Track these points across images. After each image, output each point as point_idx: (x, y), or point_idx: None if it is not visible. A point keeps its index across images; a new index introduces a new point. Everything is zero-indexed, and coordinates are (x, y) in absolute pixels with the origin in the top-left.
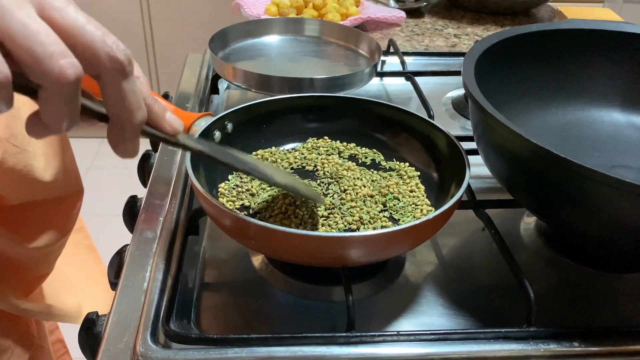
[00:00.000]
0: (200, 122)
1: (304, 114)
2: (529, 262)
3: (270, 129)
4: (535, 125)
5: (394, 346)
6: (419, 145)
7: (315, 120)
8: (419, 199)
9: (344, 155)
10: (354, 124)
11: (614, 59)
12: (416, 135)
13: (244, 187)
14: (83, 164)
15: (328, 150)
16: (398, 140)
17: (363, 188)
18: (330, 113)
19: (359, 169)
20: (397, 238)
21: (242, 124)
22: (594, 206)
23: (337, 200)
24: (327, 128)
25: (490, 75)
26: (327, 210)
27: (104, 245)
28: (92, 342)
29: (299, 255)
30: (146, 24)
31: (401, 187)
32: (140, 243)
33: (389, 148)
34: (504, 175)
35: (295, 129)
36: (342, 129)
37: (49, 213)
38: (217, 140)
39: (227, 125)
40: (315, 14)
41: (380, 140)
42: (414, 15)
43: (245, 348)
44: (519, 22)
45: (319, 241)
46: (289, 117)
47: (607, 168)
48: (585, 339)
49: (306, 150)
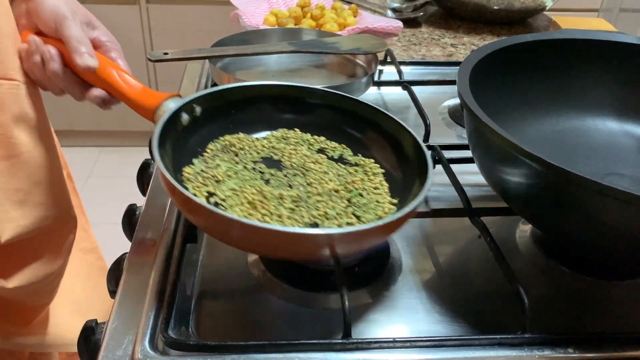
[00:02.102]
0: (169, 104)
1: (276, 103)
2: (524, 269)
3: (240, 116)
4: (530, 133)
5: (390, 353)
6: (386, 143)
7: (286, 110)
8: (382, 197)
9: (313, 148)
10: (325, 117)
11: (608, 68)
12: (384, 134)
13: (210, 173)
14: (82, 173)
15: (298, 142)
16: (367, 136)
17: (329, 182)
18: (302, 104)
19: (327, 162)
20: (360, 236)
21: (211, 108)
22: (588, 214)
23: (303, 193)
24: (298, 119)
25: (485, 84)
26: (294, 203)
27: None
28: (90, 349)
29: (262, 248)
30: (146, 34)
31: (366, 184)
32: (139, 251)
33: (358, 144)
34: (499, 183)
35: (265, 117)
36: (313, 121)
37: (30, 249)
38: (184, 123)
39: (195, 108)
40: (313, 24)
41: (350, 135)
42: (411, 25)
43: (243, 355)
44: (515, 32)
45: (283, 236)
46: (260, 105)
47: (601, 176)
48: (579, 345)
49: (275, 139)
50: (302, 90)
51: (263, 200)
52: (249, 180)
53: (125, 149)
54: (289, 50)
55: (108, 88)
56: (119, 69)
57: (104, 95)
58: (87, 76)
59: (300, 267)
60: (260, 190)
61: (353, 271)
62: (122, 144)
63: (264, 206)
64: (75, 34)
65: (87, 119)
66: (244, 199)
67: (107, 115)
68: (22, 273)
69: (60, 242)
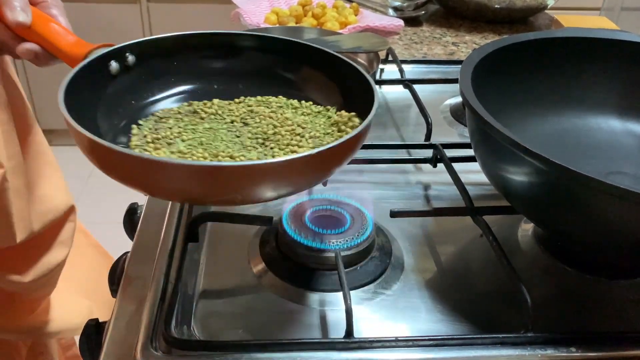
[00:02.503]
0: (99, 52)
1: (215, 52)
2: (527, 268)
3: (180, 67)
4: (532, 132)
5: (392, 352)
6: (331, 83)
7: (224, 57)
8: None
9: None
10: (265, 63)
11: (610, 66)
12: (324, 71)
13: (161, 134)
14: (83, 172)
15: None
16: (302, 77)
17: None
18: (234, 50)
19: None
20: (280, 169)
21: (147, 57)
22: (590, 213)
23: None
24: (234, 65)
25: (487, 82)
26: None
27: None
28: (92, 348)
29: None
30: (147, 32)
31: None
32: (140, 250)
33: (294, 87)
34: (501, 182)
35: (206, 69)
36: (250, 68)
37: (42, 242)
38: (113, 72)
39: (127, 57)
40: (315, 22)
41: (286, 78)
42: (412, 23)
43: (245, 354)
44: (516, 30)
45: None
46: (198, 55)
47: (603, 175)
48: (582, 344)
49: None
50: (235, 35)
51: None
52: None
53: None
54: None
55: (41, 42)
56: (54, 22)
57: (36, 49)
58: (20, 31)
59: (302, 266)
60: (215, 155)
61: (355, 270)
62: None
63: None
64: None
65: None
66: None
67: None
68: (36, 266)
69: (64, 231)
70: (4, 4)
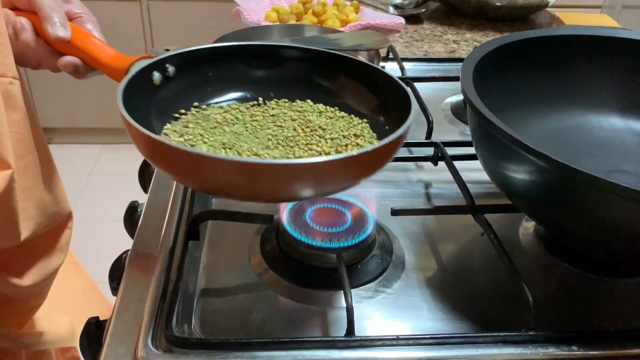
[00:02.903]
0: (141, 63)
1: (251, 62)
2: (528, 266)
3: (217, 76)
4: (534, 130)
5: (393, 350)
6: (369, 93)
7: (261, 68)
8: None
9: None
10: (302, 74)
11: (612, 64)
12: (366, 83)
13: (184, 137)
14: (83, 170)
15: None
16: (347, 89)
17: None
18: (277, 62)
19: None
20: (322, 169)
21: (184, 67)
22: (592, 211)
23: (289, 154)
24: (276, 78)
25: (488, 80)
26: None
27: (104, 251)
28: (93, 347)
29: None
30: (147, 30)
31: (353, 149)
32: (140, 249)
33: (340, 99)
34: (502, 180)
35: (243, 78)
36: (289, 77)
37: (41, 246)
38: (156, 82)
39: (168, 68)
40: (315, 20)
41: (332, 91)
42: (413, 21)
43: (246, 352)
44: (517, 28)
45: (250, 167)
46: (236, 65)
47: (605, 173)
48: (584, 343)
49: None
50: (274, 46)
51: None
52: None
53: (126, 147)
54: None
55: (81, 55)
56: (92, 37)
57: (77, 62)
58: (60, 46)
59: (303, 265)
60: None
61: (356, 268)
62: (124, 141)
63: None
64: (48, 2)
65: (88, 117)
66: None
67: (109, 113)
68: (34, 270)
69: (63, 237)
70: (45, 20)
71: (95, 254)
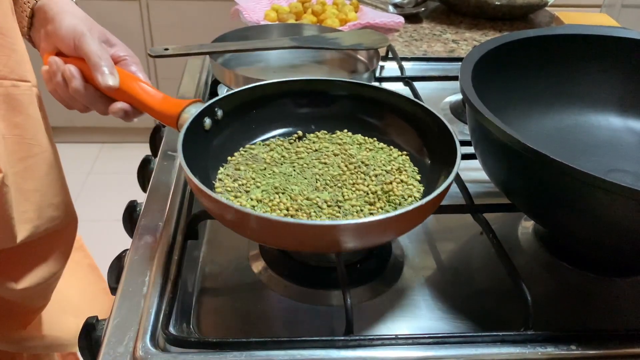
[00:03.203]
0: (190, 109)
1: (294, 99)
2: (527, 266)
3: (261, 114)
4: (533, 129)
5: (392, 349)
6: (410, 128)
7: (305, 104)
8: (414, 187)
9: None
10: (344, 108)
11: (611, 63)
12: (407, 119)
13: (237, 183)
14: (83, 169)
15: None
16: (388, 123)
17: (363, 184)
18: (321, 97)
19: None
20: (385, 225)
21: (231, 109)
22: (591, 210)
23: (338, 195)
24: (318, 112)
25: (487, 80)
26: (329, 208)
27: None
28: (92, 346)
29: (295, 243)
30: (146, 30)
31: (399, 187)
32: (139, 248)
33: (379, 131)
34: (501, 179)
35: (286, 114)
36: (332, 113)
37: (39, 250)
38: (207, 128)
39: (217, 112)
40: (314, 19)
41: (371, 123)
42: (412, 20)
43: (245, 352)
44: (517, 27)
45: (315, 229)
46: (279, 102)
47: (604, 172)
48: (582, 342)
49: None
50: (319, 82)
51: (298, 212)
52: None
53: (125, 146)
54: (290, 46)
55: (130, 100)
56: (139, 81)
57: (126, 108)
58: (109, 92)
59: (302, 264)
60: (292, 198)
61: (355, 268)
62: (123, 140)
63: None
64: (95, 50)
65: (87, 116)
66: (276, 207)
67: None
68: (30, 274)
69: (64, 242)
70: (94, 69)
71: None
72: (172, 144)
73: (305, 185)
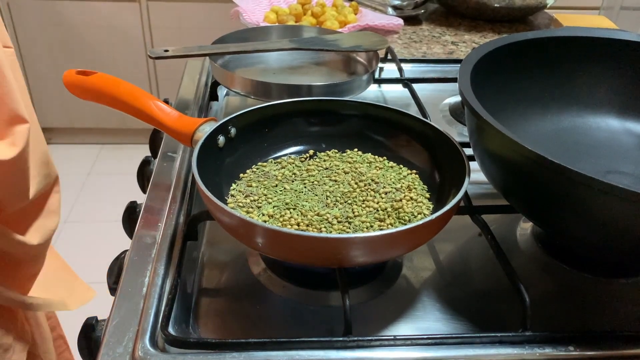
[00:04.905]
0: (205, 128)
1: (306, 118)
2: (525, 267)
3: (273, 133)
4: (531, 131)
5: (390, 350)
6: (420, 147)
7: (317, 123)
8: (424, 204)
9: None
10: (355, 127)
11: (609, 65)
12: (417, 137)
13: (249, 199)
14: (82, 169)
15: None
16: (398, 142)
17: (375, 203)
18: (332, 116)
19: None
20: (395, 239)
21: (244, 128)
22: (589, 212)
23: (348, 212)
24: (329, 131)
25: (486, 81)
26: (338, 224)
27: (103, 250)
28: (91, 346)
29: (306, 257)
30: (146, 31)
31: (408, 204)
32: (139, 248)
33: (389, 149)
34: (500, 181)
35: (297, 132)
36: (343, 132)
37: (42, 206)
38: (220, 145)
39: (230, 129)
40: (314, 21)
41: (380, 142)
42: (411, 22)
43: (243, 352)
44: (516, 29)
45: (326, 242)
46: (292, 121)
47: (602, 174)
48: (580, 343)
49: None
50: (331, 102)
51: (308, 227)
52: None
53: (125, 147)
54: (290, 47)
55: (145, 119)
56: (155, 99)
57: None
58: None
59: (301, 265)
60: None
61: (354, 269)
62: (122, 141)
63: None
64: None
65: (87, 117)
66: (286, 222)
67: (108, 113)
68: (38, 231)
69: (53, 200)
70: None
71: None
72: (171, 145)
73: (316, 201)
